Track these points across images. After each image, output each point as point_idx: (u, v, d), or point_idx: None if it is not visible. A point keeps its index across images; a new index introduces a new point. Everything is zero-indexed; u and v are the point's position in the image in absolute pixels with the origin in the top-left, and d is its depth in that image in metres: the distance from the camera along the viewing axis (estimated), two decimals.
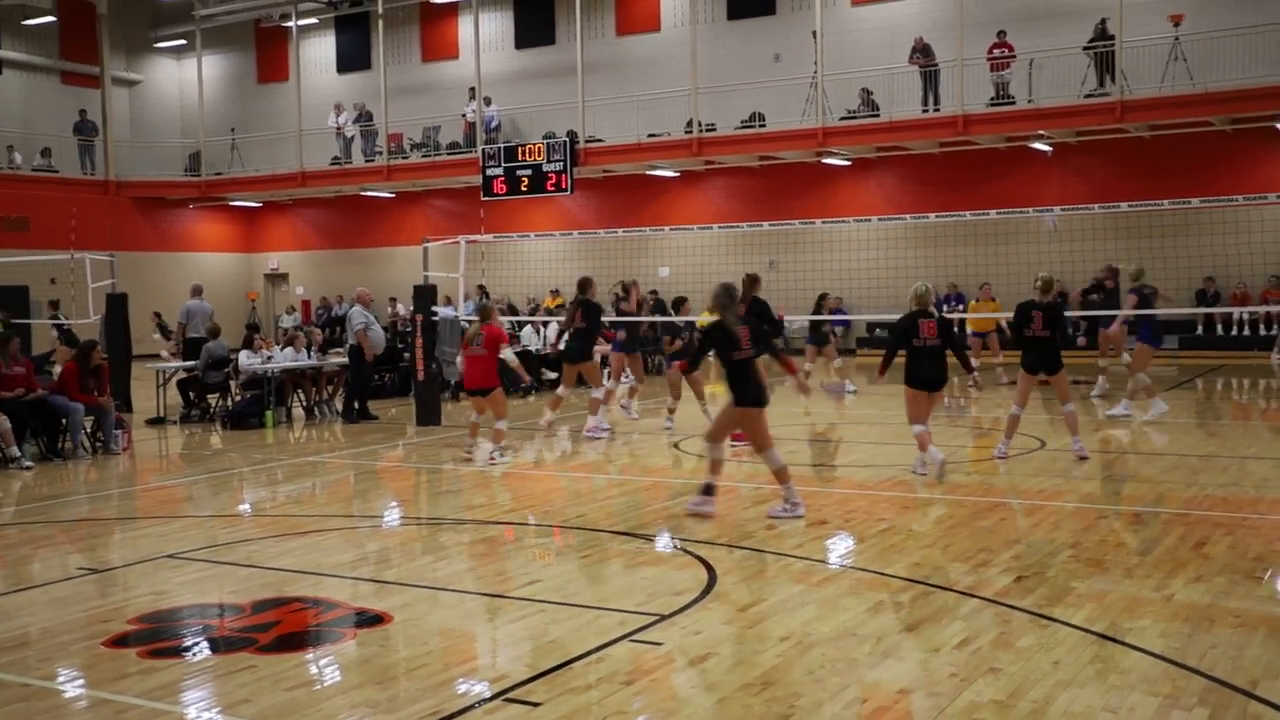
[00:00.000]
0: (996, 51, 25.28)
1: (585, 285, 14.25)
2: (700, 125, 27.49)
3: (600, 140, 28.91)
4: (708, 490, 9.36)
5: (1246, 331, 24.10)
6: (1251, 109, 22.68)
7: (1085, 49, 24.01)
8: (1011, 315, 11.98)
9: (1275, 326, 23.85)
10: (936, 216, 20.00)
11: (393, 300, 29.68)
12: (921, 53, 25.97)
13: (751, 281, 13.89)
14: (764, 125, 27.34)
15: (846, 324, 27.75)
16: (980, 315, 20.80)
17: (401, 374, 20.37)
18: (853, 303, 26.55)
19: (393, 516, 10.23)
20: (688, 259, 28.39)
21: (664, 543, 8.66)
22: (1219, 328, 24.44)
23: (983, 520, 9.12)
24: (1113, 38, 23.51)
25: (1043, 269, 14.99)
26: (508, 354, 12.82)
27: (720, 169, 29.73)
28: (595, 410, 14.39)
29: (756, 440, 9.38)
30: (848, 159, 28.08)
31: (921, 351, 10.71)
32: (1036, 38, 25.37)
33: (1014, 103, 24.91)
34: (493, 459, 12.55)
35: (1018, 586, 7.15)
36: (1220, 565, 7.55)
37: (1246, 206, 22.14)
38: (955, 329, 11.22)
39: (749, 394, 9.20)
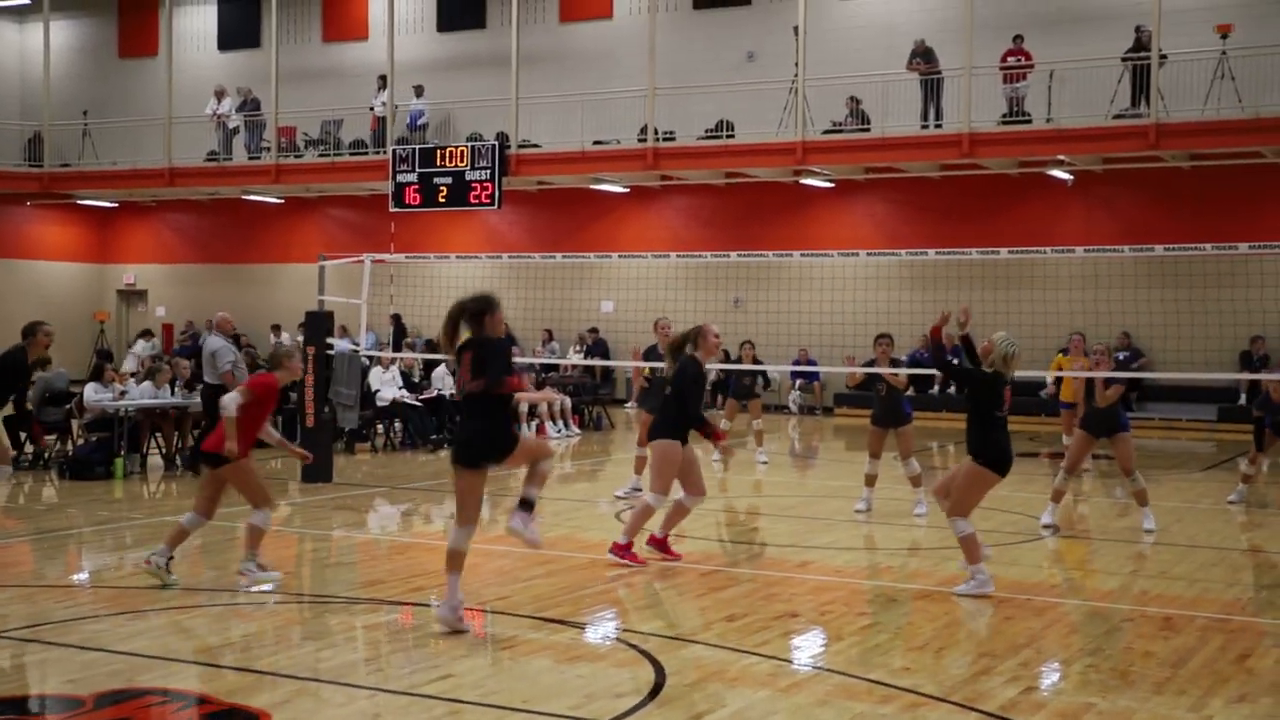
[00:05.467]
0: (1011, 60, 25.68)
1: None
2: (657, 133, 27.66)
3: (536, 146, 28.99)
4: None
5: None
6: None
7: (1125, 59, 24.26)
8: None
9: None
10: (936, 253, 20.20)
11: (275, 328, 29.49)
12: (922, 57, 26.33)
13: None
14: (732, 136, 27.53)
15: (816, 377, 27.92)
16: (1075, 374, 16.15)
17: (285, 418, 20.16)
18: (833, 354, 26.67)
19: (269, 592, 10.09)
20: (637, 292, 28.41)
21: (601, 633, 8.61)
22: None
23: (984, 619, 9.17)
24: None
25: (1062, 319, 15.11)
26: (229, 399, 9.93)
27: (679, 186, 29.91)
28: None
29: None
30: (831, 180, 28.35)
31: None
32: (1058, 45, 25.75)
33: (1030, 121, 25.26)
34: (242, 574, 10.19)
35: (1026, 700, 7.19)
36: (1268, 683, 7.63)
37: None
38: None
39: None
